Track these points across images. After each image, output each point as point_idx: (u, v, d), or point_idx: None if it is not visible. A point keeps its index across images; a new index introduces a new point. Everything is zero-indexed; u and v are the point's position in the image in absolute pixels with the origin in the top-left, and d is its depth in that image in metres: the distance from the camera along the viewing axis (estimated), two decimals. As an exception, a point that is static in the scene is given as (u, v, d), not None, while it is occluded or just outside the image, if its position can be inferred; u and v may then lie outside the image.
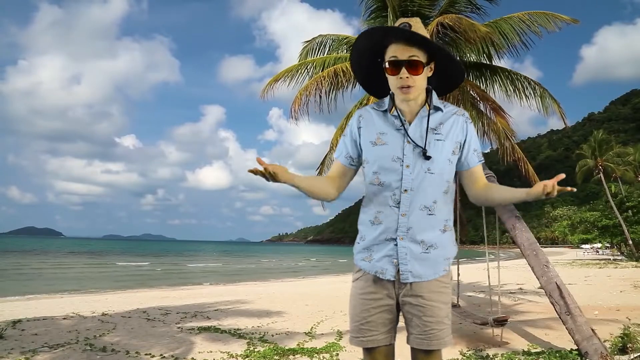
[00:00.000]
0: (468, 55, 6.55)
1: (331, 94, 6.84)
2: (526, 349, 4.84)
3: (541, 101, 6.54)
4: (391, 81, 1.66)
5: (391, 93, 1.73)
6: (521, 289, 11.93)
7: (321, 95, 6.75)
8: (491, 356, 4.61)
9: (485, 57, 6.50)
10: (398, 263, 1.63)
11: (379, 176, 1.66)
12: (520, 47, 6.35)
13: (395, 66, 1.62)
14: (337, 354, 4.63)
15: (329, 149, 7.22)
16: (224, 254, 65.06)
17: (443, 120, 1.70)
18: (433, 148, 1.64)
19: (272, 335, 5.77)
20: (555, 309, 4.57)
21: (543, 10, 6.24)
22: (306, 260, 49.19)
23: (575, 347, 4.38)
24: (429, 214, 1.64)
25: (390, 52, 1.64)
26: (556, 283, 4.59)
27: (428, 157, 1.62)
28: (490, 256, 9.66)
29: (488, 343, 5.22)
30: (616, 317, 6.68)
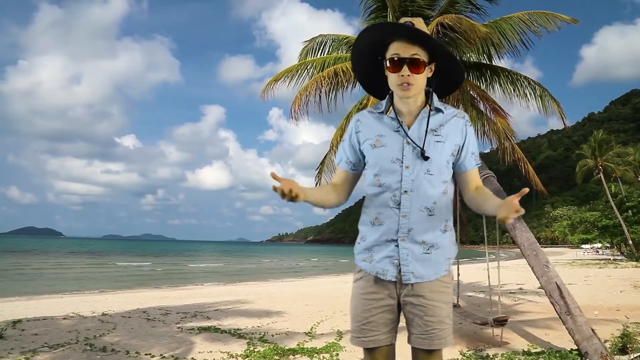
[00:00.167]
0: (468, 55, 6.55)
1: (331, 94, 6.84)
2: (526, 349, 4.85)
3: (541, 101, 6.55)
4: (391, 79, 1.66)
5: (390, 93, 1.74)
6: (521, 289, 11.93)
7: (321, 95, 6.75)
8: (491, 356, 4.61)
9: (485, 57, 6.50)
10: (399, 264, 1.63)
11: (380, 178, 1.67)
12: (520, 47, 6.35)
13: (396, 64, 1.62)
14: (337, 354, 4.63)
15: (329, 149, 7.22)
16: (225, 254, 65.06)
17: (444, 121, 1.70)
18: (433, 149, 1.65)
19: (272, 335, 5.77)
20: (555, 309, 4.57)
21: (543, 10, 6.24)
22: (307, 260, 49.19)
23: (575, 347, 4.38)
24: (430, 215, 1.64)
25: (392, 50, 1.64)
26: (556, 283, 4.59)
27: (426, 158, 1.62)
28: (490, 256, 9.67)
29: (488, 343, 5.22)
30: (616, 317, 6.68)
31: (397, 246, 1.64)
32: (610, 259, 33.56)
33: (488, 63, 6.62)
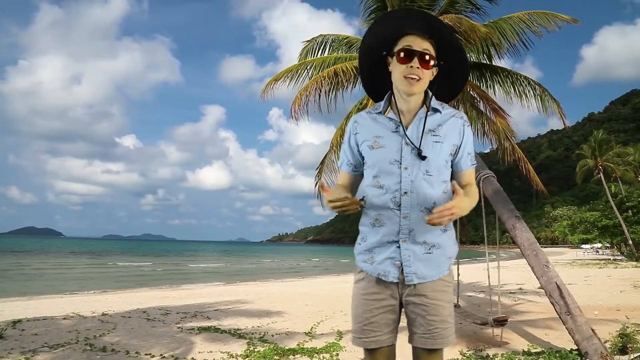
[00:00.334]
0: (468, 55, 6.55)
1: (331, 94, 6.85)
2: (526, 349, 4.85)
3: (541, 101, 6.56)
4: (399, 70, 1.64)
5: (388, 94, 1.74)
6: (521, 289, 11.92)
7: (321, 95, 6.76)
8: (491, 356, 4.61)
9: (485, 57, 6.50)
10: (401, 265, 1.63)
11: (379, 179, 1.67)
12: (520, 47, 6.36)
13: (408, 55, 1.62)
14: (337, 354, 4.63)
15: (329, 149, 7.22)
16: (225, 254, 65.05)
17: (442, 122, 1.70)
18: (431, 150, 1.64)
19: (272, 335, 5.77)
20: (555, 309, 4.57)
21: (543, 10, 6.25)
22: (307, 260, 49.18)
23: (575, 347, 4.38)
24: None
25: (403, 42, 1.64)
26: (556, 283, 4.59)
27: (423, 158, 1.62)
28: (490, 256, 9.67)
29: (488, 343, 5.22)
30: (616, 317, 6.68)
31: (399, 247, 1.64)
32: (610, 259, 33.54)
33: (488, 63, 6.62)
